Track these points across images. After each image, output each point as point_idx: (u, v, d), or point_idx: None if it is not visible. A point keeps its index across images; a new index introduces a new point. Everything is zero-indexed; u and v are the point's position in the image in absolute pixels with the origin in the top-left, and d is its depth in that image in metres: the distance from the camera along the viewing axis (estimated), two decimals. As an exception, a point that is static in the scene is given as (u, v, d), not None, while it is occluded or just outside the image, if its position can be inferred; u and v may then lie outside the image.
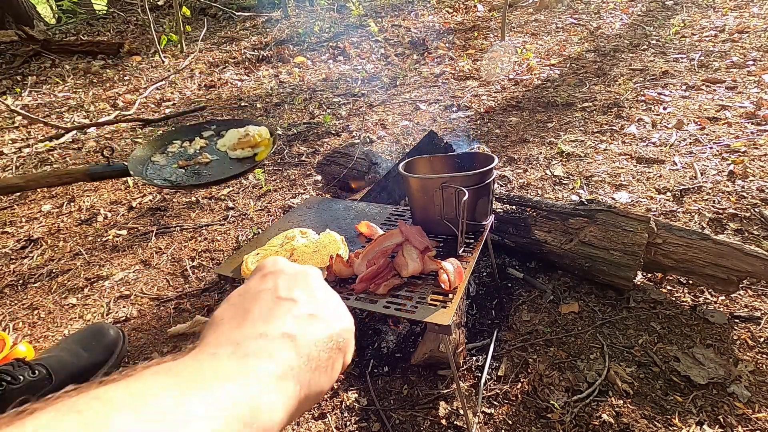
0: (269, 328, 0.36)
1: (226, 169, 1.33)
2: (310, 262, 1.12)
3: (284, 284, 0.41)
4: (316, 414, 1.25)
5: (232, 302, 0.40)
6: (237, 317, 0.37)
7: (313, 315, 0.39)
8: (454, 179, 1.14)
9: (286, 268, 0.44)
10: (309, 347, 0.36)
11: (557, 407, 1.17)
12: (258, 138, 1.37)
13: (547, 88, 3.27)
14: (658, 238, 1.44)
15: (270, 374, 0.32)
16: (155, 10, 7.00)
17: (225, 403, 0.28)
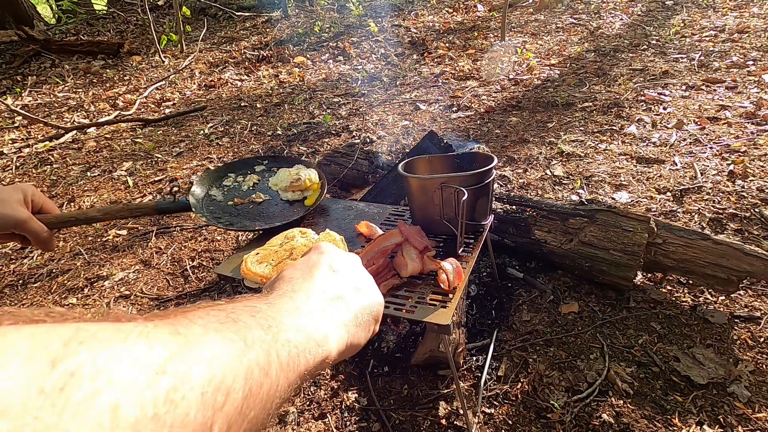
0: (328, 288, 0.47)
1: (278, 211, 1.39)
2: None
3: (336, 262, 0.52)
4: (316, 414, 1.25)
5: (298, 267, 0.50)
6: (305, 277, 0.48)
7: (358, 288, 0.52)
8: (453, 179, 1.13)
9: (336, 250, 0.55)
10: (355, 309, 0.48)
11: (557, 407, 1.17)
12: (308, 182, 1.44)
13: (547, 88, 3.27)
14: (658, 238, 1.44)
15: (332, 319, 0.44)
16: (155, 10, 7.00)
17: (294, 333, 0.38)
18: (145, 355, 0.25)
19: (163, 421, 0.24)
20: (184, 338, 0.29)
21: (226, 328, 0.33)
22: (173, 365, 0.26)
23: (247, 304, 0.38)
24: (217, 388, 0.28)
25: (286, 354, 0.35)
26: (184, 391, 0.26)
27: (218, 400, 0.28)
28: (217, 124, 3.44)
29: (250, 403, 0.30)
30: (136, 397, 0.23)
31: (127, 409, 0.22)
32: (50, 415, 0.20)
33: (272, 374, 0.33)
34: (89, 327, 0.25)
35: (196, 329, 0.31)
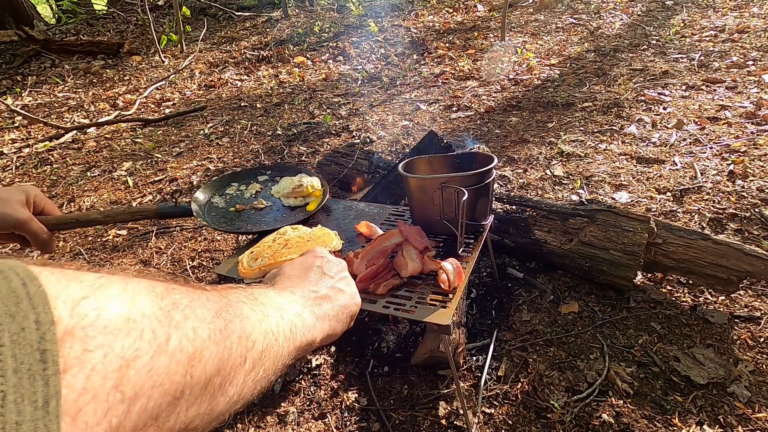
0: (318, 287, 0.61)
1: (279, 216, 1.40)
2: (305, 248, 1.12)
3: (327, 266, 0.66)
4: (316, 414, 1.26)
5: (296, 267, 0.65)
6: (300, 277, 0.62)
7: (341, 290, 0.64)
8: (453, 179, 1.13)
9: (329, 256, 0.69)
10: (337, 308, 0.60)
11: (557, 407, 1.17)
12: (310, 189, 1.44)
13: (547, 88, 3.27)
14: (658, 238, 1.44)
15: (319, 314, 0.57)
16: (155, 10, 7.01)
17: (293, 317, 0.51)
18: (209, 304, 0.40)
19: (219, 345, 0.37)
20: (227, 300, 0.43)
21: (251, 302, 0.46)
22: (224, 313, 0.40)
23: (262, 290, 0.52)
24: (247, 337, 0.42)
25: (288, 330, 0.49)
26: (229, 331, 0.39)
27: (248, 345, 0.41)
28: (217, 124, 3.44)
29: (265, 355, 0.44)
30: (205, 325, 0.37)
31: (200, 331, 0.36)
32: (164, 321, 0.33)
33: (279, 340, 0.46)
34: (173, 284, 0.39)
35: (232, 297, 0.45)
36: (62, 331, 0.27)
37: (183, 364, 0.33)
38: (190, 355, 0.34)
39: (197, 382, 0.35)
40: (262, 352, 0.43)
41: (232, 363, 0.39)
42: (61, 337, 0.27)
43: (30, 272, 0.28)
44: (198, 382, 0.35)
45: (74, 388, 0.26)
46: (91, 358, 0.28)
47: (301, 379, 1.35)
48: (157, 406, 0.31)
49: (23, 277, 0.27)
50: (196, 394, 0.35)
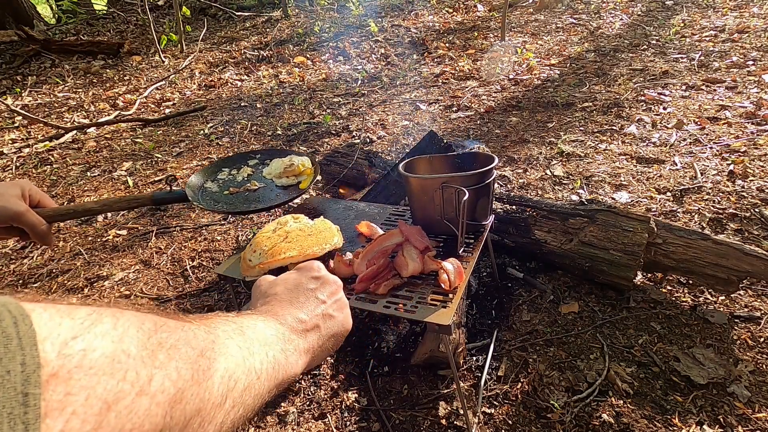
0: (309, 318, 0.58)
1: (274, 195, 1.42)
2: (305, 245, 1.11)
3: (321, 289, 0.63)
4: (316, 414, 1.26)
5: (289, 286, 0.62)
6: (291, 301, 0.59)
7: (332, 315, 0.61)
8: (454, 179, 1.14)
9: (326, 277, 0.65)
10: (325, 338, 0.59)
11: (557, 407, 1.17)
12: (302, 168, 1.46)
13: (547, 88, 3.27)
14: (658, 238, 1.44)
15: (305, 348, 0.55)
16: (155, 10, 7.00)
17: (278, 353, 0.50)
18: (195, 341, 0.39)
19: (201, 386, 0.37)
20: (214, 337, 0.43)
21: (239, 337, 0.46)
22: (208, 352, 0.40)
23: (250, 321, 0.51)
24: (230, 377, 0.41)
25: (272, 368, 0.48)
26: (213, 371, 0.39)
27: (230, 385, 0.41)
28: (217, 124, 3.44)
29: (246, 394, 0.43)
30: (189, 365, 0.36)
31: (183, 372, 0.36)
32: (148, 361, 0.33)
33: (262, 378, 0.46)
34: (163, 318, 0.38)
35: (220, 332, 0.44)
36: (48, 374, 0.27)
37: (164, 405, 0.33)
38: (171, 397, 0.34)
39: (177, 423, 0.34)
40: (244, 390, 0.43)
41: (212, 403, 0.38)
42: (46, 379, 0.27)
43: (22, 310, 0.28)
44: (177, 423, 0.34)
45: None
46: (73, 401, 0.27)
47: (301, 379, 1.35)
48: None
49: (15, 316, 0.27)
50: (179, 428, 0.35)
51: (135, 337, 0.33)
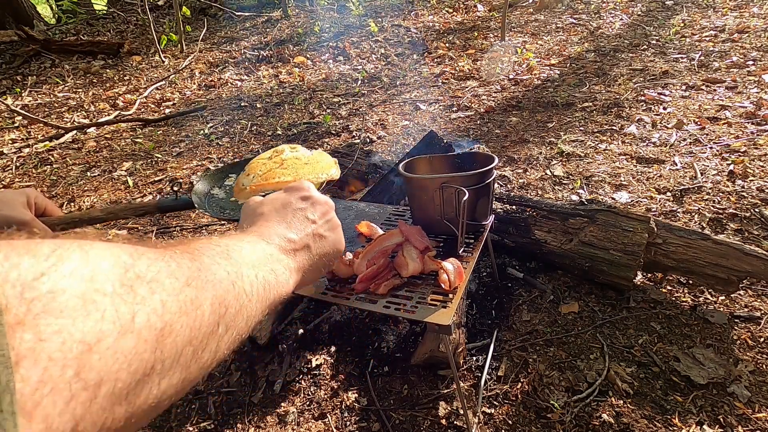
0: (299, 237, 0.57)
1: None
2: (301, 172, 1.08)
3: (311, 209, 0.62)
4: (316, 414, 1.26)
5: (276, 205, 0.61)
6: (279, 220, 0.58)
7: (323, 236, 0.60)
8: (454, 179, 1.13)
9: (316, 197, 0.64)
10: (315, 257, 0.59)
11: (557, 407, 1.17)
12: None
13: (547, 88, 3.27)
14: (658, 238, 1.44)
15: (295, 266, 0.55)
16: (155, 10, 7.00)
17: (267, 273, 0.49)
18: (179, 271, 0.37)
19: (190, 316, 0.35)
20: (199, 264, 0.40)
21: (225, 261, 0.44)
22: (195, 281, 0.38)
23: (236, 243, 0.49)
24: (220, 303, 0.40)
25: (262, 288, 0.47)
26: (201, 299, 0.37)
27: (221, 311, 0.40)
28: (217, 124, 3.44)
29: (239, 317, 0.43)
30: (174, 297, 0.35)
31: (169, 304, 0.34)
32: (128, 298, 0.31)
33: (253, 300, 0.45)
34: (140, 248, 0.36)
35: (205, 260, 0.42)
36: (13, 320, 0.25)
37: (151, 341, 0.31)
38: (158, 331, 0.32)
39: (168, 356, 0.33)
40: (236, 314, 0.42)
41: (204, 331, 0.37)
42: (11, 326, 0.24)
43: None
44: (169, 355, 0.33)
45: (30, 381, 0.24)
46: (47, 347, 0.25)
47: (301, 379, 1.35)
48: (125, 386, 0.30)
49: None
50: (167, 367, 0.33)
51: (110, 272, 0.31)
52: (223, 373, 1.42)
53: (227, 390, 1.36)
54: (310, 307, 1.61)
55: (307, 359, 1.40)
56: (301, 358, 1.41)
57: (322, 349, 1.44)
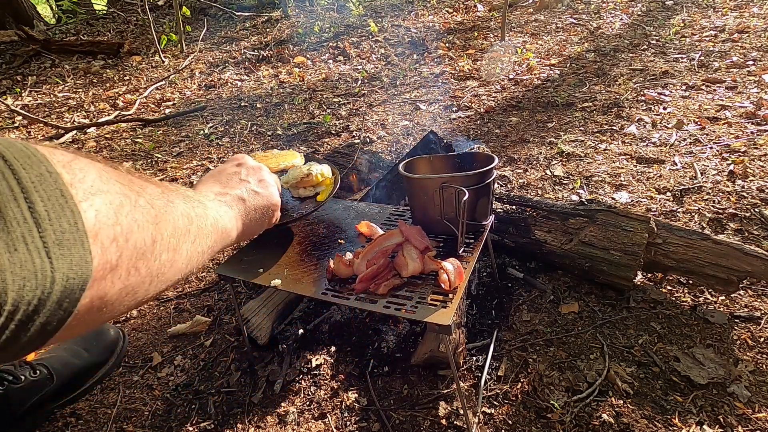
0: (232, 192, 0.71)
1: (288, 208, 1.32)
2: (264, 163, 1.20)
3: (245, 172, 0.76)
4: (316, 414, 1.26)
5: (214, 174, 0.75)
6: (217, 183, 0.72)
7: (257, 192, 0.75)
8: (454, 179, 1.14)
9: (248, 163, 0.80)
10: (251, 209, 0.72)
11: (557, 407, 1.17)
12: (320, 178, 1.34)
13: (547, 88, 3.27)
14: (658, 238, 1.44)
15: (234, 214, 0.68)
16: (155, 10, 7.00)
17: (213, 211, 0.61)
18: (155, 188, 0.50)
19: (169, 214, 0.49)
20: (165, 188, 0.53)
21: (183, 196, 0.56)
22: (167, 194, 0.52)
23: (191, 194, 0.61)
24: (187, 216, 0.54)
25: (213, 219, 0.60)
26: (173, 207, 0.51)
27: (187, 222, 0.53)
28: (217, 124, 3.44)
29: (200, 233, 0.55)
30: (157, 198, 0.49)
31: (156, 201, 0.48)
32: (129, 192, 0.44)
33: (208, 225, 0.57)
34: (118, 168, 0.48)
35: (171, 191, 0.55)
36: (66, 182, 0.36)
37: (151, 219, 0.44)
38: (154, 215, 0.45)
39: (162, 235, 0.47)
40: (198, 230, 0.55)
41: (180, 229, 0.51)
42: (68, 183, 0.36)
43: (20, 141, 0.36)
44: (163, 235, 0.47)
45: (89, 218, 0.37)
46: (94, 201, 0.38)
47: (301, 379, 1.35)
48: (143, 243, 0.43)
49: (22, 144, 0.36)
50: (165, 242, 0.47)
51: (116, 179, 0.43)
52: (223, 373, 1.42)
53: (227, 390, 1.36)
54: (310, 307, 1.61)
55: (307, 359, 1.40)
56: (301, 358, 1.41)
57: (322, 349, 1.44)
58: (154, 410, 1.34)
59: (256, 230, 0.76)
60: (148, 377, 1.45)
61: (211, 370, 1.44)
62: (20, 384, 1.23)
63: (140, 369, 1.48)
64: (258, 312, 1.47)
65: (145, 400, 1.37)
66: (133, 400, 1.38)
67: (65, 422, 1.32)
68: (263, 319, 1.46)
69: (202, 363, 1.47)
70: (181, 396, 1.37)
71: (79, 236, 0.35)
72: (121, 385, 1.42)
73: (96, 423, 1.32)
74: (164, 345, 1.56)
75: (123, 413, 1.34)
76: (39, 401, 1.26)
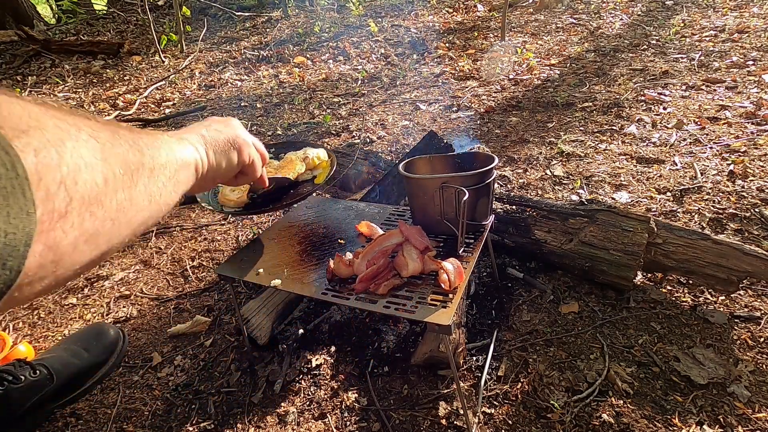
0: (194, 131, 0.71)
1: (287, 192, 1.31)
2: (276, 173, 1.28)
3: (212, 123, 0.77)
4: (316, 414, 1.26)
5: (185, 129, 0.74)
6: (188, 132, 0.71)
7: (219, 131, 0.75)
8: (454, 179, 1.14)
9: (217, 118, 0.80)
10: (213, 141, 0.73)
11: (557, 407, 1.17)
12: (317, 161, 1.35)
13: (547, 88, 3.27)
14: (658, 238, 1.44)
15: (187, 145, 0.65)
16: (155, 10, 7.00)
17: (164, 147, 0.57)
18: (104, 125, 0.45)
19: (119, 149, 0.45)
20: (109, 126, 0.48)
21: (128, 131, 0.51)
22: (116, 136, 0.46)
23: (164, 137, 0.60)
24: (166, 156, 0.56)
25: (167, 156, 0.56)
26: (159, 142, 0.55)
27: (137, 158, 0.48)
28: (217, 124, 3.44)
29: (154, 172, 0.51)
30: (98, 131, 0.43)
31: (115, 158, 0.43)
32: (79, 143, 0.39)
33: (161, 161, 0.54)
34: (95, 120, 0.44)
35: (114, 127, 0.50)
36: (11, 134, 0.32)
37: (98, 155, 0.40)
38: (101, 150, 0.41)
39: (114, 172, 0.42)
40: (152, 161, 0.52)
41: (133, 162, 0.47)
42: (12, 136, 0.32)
43: None
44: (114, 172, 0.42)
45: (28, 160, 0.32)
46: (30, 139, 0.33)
47: (301, 379, 1.35)
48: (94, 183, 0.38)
49: None
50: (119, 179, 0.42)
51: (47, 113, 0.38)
52: (223, 373, 1.42)
53: (227, 390, 1.36)
54: (310, 307, 1.61)
55: (307, 359, 1.40)
56: (301, 358, 1.41)
57: (322, 349, 1.44)
58: (154, 410, 1.34)
59: (223, 163, 0.74)
60: (148, 377, 1.45)
61: (211, 370, 1.44)
62: (20, 384, 1.23)
63: (140, 369, 1.48)
64: (258, 312, 1.47)
65: (145, 400, 1.37)
66: (133, 400, 1.38)
67: (65, 422, 1.32)
68: (263, 319, 1.46)
69: (202, 363, 1.47)
70: (181, 396, 1.37)
71: (19, 183, 0.30)
72: (121, 385, 1.42)
73: (96, 423, 1.32)
74: (164, 345, 1.56)
75: (123, 413, 1.34)
76: (39, 401, 1.26)
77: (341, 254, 1.15)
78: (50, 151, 0.34)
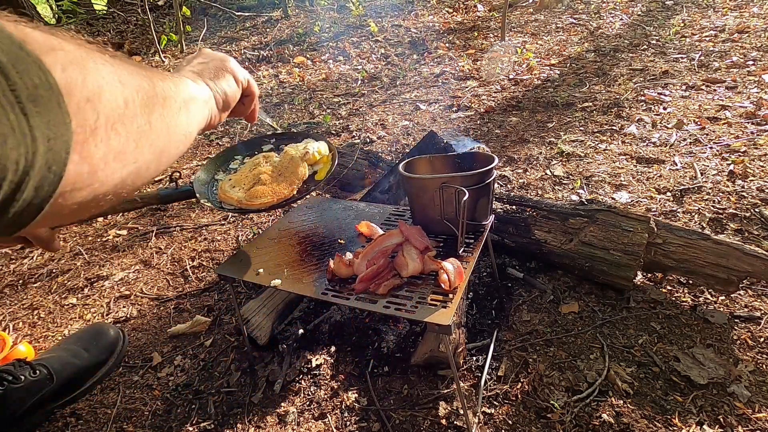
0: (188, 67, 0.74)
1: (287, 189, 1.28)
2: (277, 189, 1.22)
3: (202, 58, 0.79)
4: (316, 414, 1.26)
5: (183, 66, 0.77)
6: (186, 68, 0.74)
7: (205, 62, 0.77)
8: (454, 179, 1.14)
9: (210, 54, 0.81)
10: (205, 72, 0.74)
11: (557, 407, 1.17)
12: (317, 156, 1.31)
13: (547, 88, 3.27)
14: (658, 238, 1.44)
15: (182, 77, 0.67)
16: (155, 10, 7.00)
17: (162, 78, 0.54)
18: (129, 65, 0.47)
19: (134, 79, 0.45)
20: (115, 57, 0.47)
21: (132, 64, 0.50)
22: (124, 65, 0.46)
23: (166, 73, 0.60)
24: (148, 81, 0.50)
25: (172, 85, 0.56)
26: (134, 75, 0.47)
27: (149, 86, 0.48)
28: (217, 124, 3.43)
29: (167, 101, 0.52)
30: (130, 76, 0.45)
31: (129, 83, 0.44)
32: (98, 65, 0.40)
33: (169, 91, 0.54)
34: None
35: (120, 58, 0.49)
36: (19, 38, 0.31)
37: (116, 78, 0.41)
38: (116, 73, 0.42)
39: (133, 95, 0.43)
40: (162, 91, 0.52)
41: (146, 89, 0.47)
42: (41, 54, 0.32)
43: None
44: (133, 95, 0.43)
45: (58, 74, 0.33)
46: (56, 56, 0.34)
47: (301, 379, 1.35)
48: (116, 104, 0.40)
49: None
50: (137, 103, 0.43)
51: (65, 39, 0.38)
52: (223, 373, 1.42)
53: (227, 390, 1.36)
54: (310, 307, 1.61)
55: (307, 359, 1.40)
56: (301, 358, 1.41)
57: (322, 349, 1.44)
58: (154, 410, 1.34)
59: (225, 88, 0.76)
60: (148, 377, 1.45)
61: (211, 370, 1.44)
62: (20, 384, 1.23)
63: (140, 369, 1.48)
64: (258, 312, 1.47)
65: (145, 400, 1.37)
66: (133, 400, 1.38)
67: (65, 422, 1.32)
68: (263, 319, 1.46)
69: (202, 363, 1.47)
70: (181, 396, 1.37)
71: (54, 94, 0.32)
72: (121, 385, 1.42)
73: (96, 423, 1.32)
74: (164, 345, 1.56)
75: (123, 413, 1.34)
76: (39, 401, 1.26)
77: (341, 254, 1.15)
78: (75, 69, 0.35)
